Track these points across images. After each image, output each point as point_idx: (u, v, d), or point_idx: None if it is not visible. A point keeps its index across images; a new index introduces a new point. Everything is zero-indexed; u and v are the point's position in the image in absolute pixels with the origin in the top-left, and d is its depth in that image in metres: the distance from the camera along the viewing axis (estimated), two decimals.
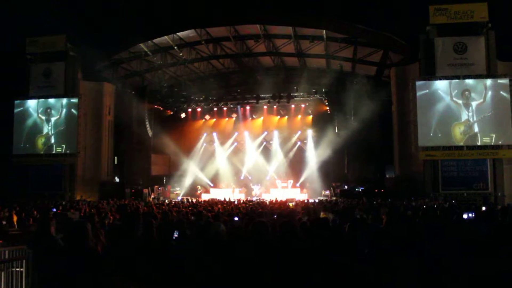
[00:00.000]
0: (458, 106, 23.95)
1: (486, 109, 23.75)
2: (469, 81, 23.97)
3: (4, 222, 11.33)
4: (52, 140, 28.11)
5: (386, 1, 25.23)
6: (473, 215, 9.02)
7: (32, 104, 28.51)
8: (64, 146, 27.95)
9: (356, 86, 29.17)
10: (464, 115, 23.82)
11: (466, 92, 23.84)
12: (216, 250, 4.82)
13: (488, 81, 23.80)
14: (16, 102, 28.50)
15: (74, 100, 27.97)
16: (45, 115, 28.20)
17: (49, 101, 28.31)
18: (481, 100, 23.73)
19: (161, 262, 4.85)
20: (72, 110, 27.95)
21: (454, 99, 23.97)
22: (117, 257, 4.90)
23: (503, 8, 24.64)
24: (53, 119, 28.17)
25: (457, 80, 24.02)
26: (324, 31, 27.10)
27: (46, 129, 28.22)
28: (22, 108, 28.57)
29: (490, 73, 23.88)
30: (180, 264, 4.80)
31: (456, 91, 23.97)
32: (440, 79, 24.26)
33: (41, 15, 26.58)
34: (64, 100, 28.16)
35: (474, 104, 23.78)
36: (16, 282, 7.00)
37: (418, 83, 24.48)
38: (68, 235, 4.80)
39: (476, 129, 23.75)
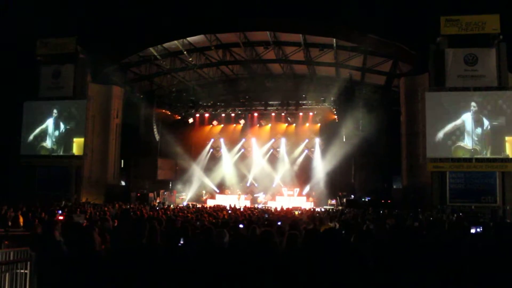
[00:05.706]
0: (465, 122, 23.78)
1: (495, 128, 23.54)
2: (479, 96, 23.75)
3: (10, 223, 11.34)
4: (60, 142, 28.24)
5: (397, 11, 25.06)
6: (481, 230, 8.87)
7: (41, 105, 28.65)
8: (71, 148, 28.04)
9: (365, 96, 29.07)
10: (469, 136, 23.66)
11: (474, 106, 23.68)
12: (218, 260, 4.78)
13: (499, 94, 23.62)
14: (26, 103, 28.64)
15: (83, 102, 28.07)
16: (53, 116, 28.33)
17: (57, 102, 28.42)
18: (491, 114, 23.56)
19: (166, 268, 4.79)
20: (80, 112, 28.04)
21: (463, 113, 23.82)
22: (122, 261, 4.85)
23: None
24: (61, 121, 28.31)
25: (466, 93, 23.87)
26: (334, 39, 27.04)
27: (54, 130, 28.34)
28: (31, 109, 28.71)
29: (501, 86, 23.70)
30: (183, 270, 4.75)
31: (465, 104, 23.83)
32: (450, 90, 24.12)
33: (52, 17, 26.73)
34: (73, 102, 28.28)
35: (484, 119, 23.60)
36: (21, 283, 6.98)
37: (428, 94, 24.36)
38: (75, 240, 4.77)
39: (479, 149, 23.63)
